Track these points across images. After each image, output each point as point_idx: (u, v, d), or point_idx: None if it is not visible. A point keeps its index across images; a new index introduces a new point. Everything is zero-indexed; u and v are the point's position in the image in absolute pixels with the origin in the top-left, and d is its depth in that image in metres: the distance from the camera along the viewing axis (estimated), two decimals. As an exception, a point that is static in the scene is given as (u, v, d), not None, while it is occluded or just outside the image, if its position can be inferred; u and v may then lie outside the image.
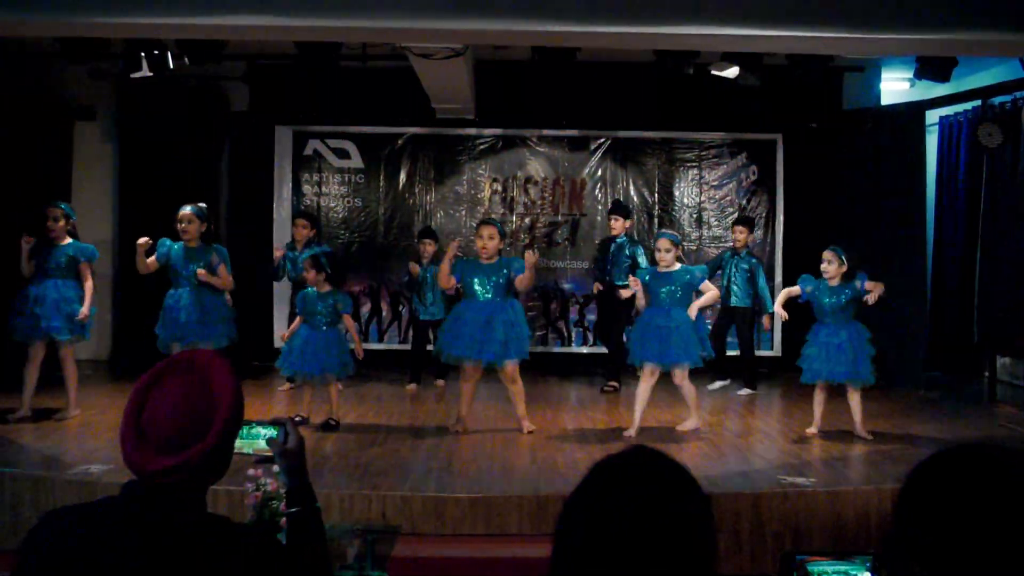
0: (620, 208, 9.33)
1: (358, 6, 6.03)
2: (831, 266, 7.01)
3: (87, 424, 7.28)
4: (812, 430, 7.13)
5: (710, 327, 7.86)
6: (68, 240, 7.31)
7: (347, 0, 6.02)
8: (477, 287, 7.12)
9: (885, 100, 10.21)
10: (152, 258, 7.30)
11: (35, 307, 7.09)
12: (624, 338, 8.43)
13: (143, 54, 7.71)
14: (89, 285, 7.34)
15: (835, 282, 7.01)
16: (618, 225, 9.02)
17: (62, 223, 7.25)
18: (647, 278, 7.22)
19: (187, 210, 7.31)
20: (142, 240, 7.17)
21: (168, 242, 7.39)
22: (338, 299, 7.29)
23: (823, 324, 7.08)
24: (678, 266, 7.19)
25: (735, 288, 9.02)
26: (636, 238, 9.59)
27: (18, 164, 9.43)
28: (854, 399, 7.00)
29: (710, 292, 7.32)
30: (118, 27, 6.43)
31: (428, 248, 9.07)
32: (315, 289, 7.22)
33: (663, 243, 7.22)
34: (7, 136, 9.34)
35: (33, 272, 7.18)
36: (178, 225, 7.28)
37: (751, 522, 5.49)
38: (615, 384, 9.01)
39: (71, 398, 7.41)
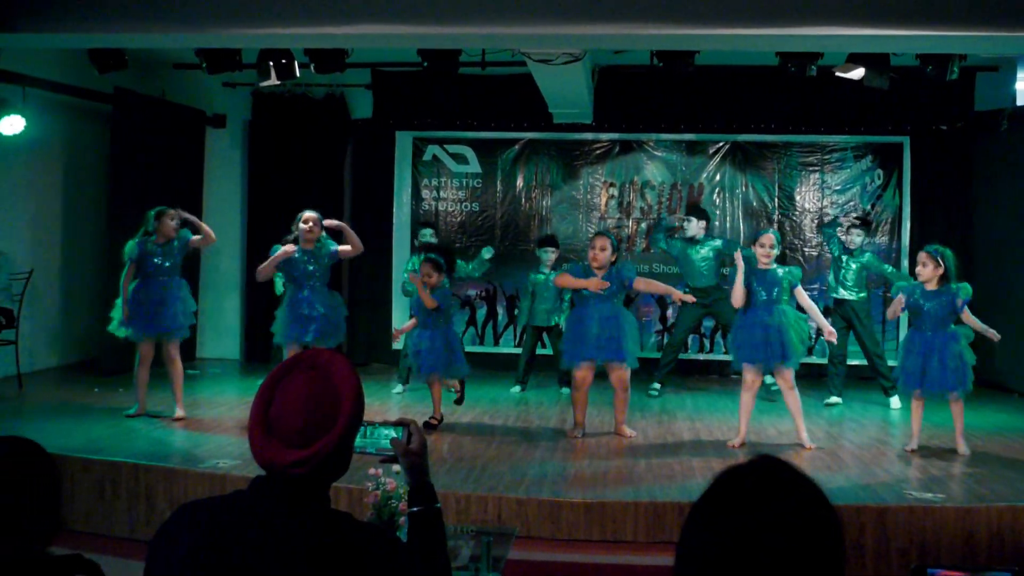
0: (697, 211, 9.46)
1: (479, 13, 6.11)
2: (926, 269, 6.65)
3: (217, 420, 7.56)
4: (911, 446, 6.80)
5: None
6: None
7: (468, 8, 6.11)
8: (591, 295, 7.14)
9: (1020, 100, 9.73)
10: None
11: (154, 306, 7.33)
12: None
13: (271, 63, 7.97)
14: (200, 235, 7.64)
15: (932, 286, 6.63)
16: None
17: (169, 223, 7.45)
18: (748, 276, 6.95)
19: (313, 213, 7.46)
20: (290, 247, 7.32)
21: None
22: (447, 297, 7.54)
23: (919, 331, 6.76)
24: (774, 265, 6.98)
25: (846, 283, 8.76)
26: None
27: (155, 168, 9.88)
28: (956, 409, 6.68)
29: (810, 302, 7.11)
30: (249, 38, 6.70)
31: (551, 256, 9.12)
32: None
33: (768, 239, 6.96)
34: (146, 141, 9.81)
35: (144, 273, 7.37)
36: (303, 226, 7.41)
37: (875, 537, 5.33)
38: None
39: (178, 397, 7.62)
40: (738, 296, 6.91)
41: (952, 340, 6.62)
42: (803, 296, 7.01)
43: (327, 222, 7.54)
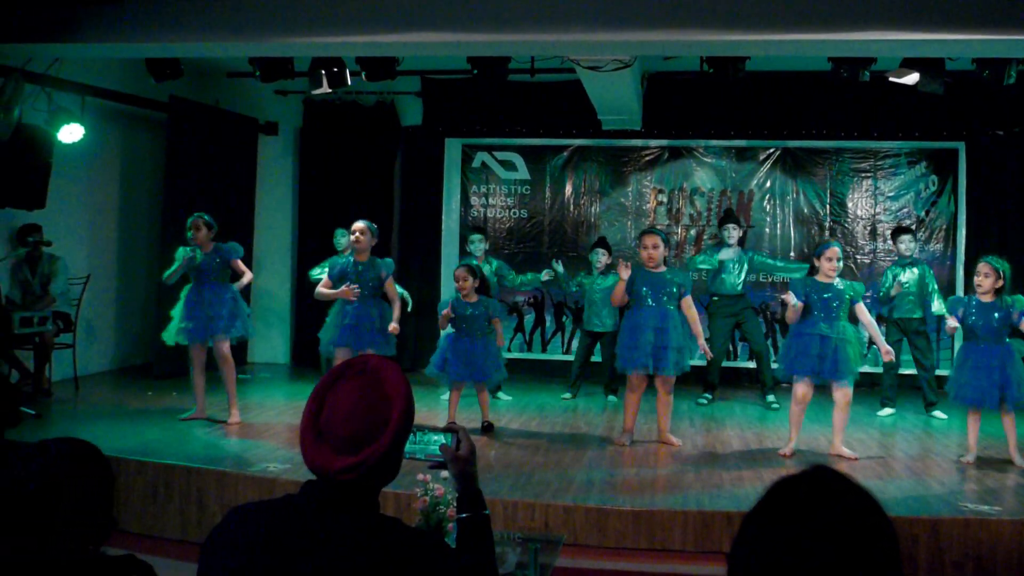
0: (734, 218, 9.43)
1: (529, 21, 6.14)
2: (987, 280, 6.50)
3: (267, 424, 7.64)
4: (968, 458, 6.66)
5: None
6: (212, 246, 7.54)
7: (518, 15, 6.14)
8: (648, 297, 7.09)
9: (1081, 105, 9.54)
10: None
11: (203, 309, 7.42)
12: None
13: (323, 71, 8.07)
14: (246, 276, 7.72)
15: (988, 298, 6.50)
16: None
17: (204, 232, 7.49)
18: (804, 289, 6.81)
19: (362, 223, 7.46)
20: (355, 290, 7.31)
21: (338, 260, 7.64)
22: (489, 305, 7.51)
23: (974, 344, 6.60)
24: (837, 279, 6.83)
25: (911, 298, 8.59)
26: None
27: (208, 175, 10.04)
28: (1008, 422, 6.55)
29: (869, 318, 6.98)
30: (302, 46, 6.79)
31: (602, 260, 9.09)
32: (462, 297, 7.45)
33: (834, 252, 6.81)
34: (200, 148, 9.97)
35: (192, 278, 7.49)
36: (352, 236, 7.42)
37: (929, 549, 5.23)
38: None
39: (232, 400, 7.70)
40: (793, 318, 6.80)
41: (1008, 354, 6.49)
42: (863, 312, 6.88)
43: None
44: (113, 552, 2.19)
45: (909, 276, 8.52)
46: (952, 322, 6.67)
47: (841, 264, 6.84)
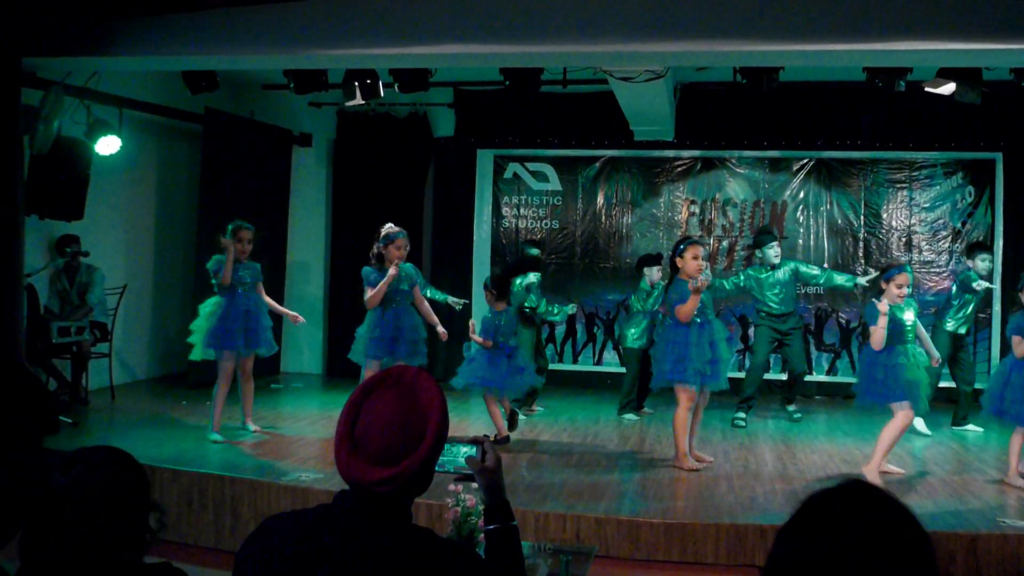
0: (770, 233, 9.09)
1: (562, 32, 6.15)
2: None
3: (299, 434, 7.68)
4: (1014, 480, 6.39)
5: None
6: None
7: (550, 26, 6.15)
8: (708, 309, 6.84)
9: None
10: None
11: (241, 320, 7.33)
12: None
13: (356, 83, 8.13)
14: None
15: None
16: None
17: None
18: (890, 312, 6.40)
19: (405, 234, 7.42)
20: (393, 271, 7.23)
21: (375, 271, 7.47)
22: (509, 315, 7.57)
23: (1020, 361, 6.33)
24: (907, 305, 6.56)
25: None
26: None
27: (243, 186, 10.13)
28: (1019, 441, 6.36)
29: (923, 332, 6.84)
30: (336, 58, 6.85)
31: (656, 275, 8.79)
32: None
33: (905, 279, 6.46)
34: (235, 159, 10.07)
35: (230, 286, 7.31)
36: (396, 245, 7.29)
37: (967, 565, 5.15)
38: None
39: (249, 412, 7.71)
40: (878, 342, 6.42)
41: None
42: (919, 327, 6.78)
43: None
44: (150, 560, 2.20)
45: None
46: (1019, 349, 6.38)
47: (909, 290, 6.56)
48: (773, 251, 8.75)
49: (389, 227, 7.38)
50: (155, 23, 6.71)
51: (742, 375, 9.28)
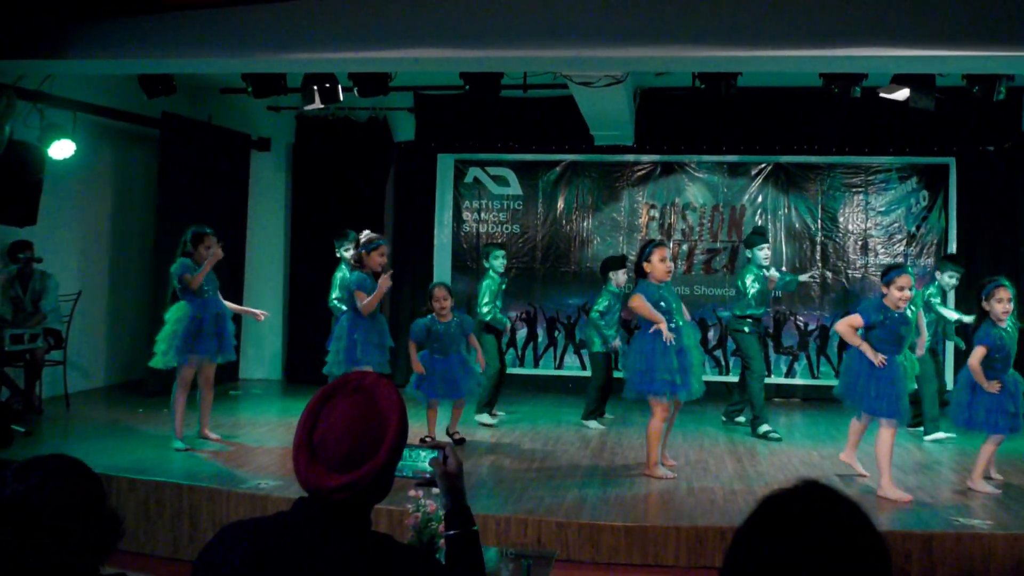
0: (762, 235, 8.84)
1: (522, 36, 6.16)
2: (1011, 305, 6.27)
3: (259, 441, 7.61)
4: (976, 484, 6.38)
5: None
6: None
7: (510, 31, 6.16)
8: (677, 313, 6.66)
9: (1071, 121, 9.61)
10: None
11: (208, 326, 7.22)
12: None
13: (315, 87, 8.08)
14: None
15: (1004, 323, 6.29)
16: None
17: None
18: (881, 318, 6.21)
19: (386, 241, 7.38)
20: (387, 280, 7.09)
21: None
22: (464, 321, 7.61)
23: (994, 374, 6.28)
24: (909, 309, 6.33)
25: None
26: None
27: (201, 191, 10.04)
28: (996, 445, 6.37)
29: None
30: (295, 62, 6.80)
31: (622, 278, 8.59)
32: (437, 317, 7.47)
33: (907, 280, 6.17)
34: (192, 164, 9.97)
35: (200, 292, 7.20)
36: (379, 252, 7.19)
37: (922, 564, 5.23)
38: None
39: (206, 421, 7.61)
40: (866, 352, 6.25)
41: (1016, 381, 6.33)
42: (920, 319, 6.70)
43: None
44: (107, 571, 2.17)
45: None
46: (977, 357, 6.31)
47: (914, 292, 6.32)
48: (764, 252, 8.48)
49: (368, 234, 7.28)
50: (110, 26, 6.63)
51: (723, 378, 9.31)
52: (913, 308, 6.44)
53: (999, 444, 6.40)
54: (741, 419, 8.76)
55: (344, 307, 7.78)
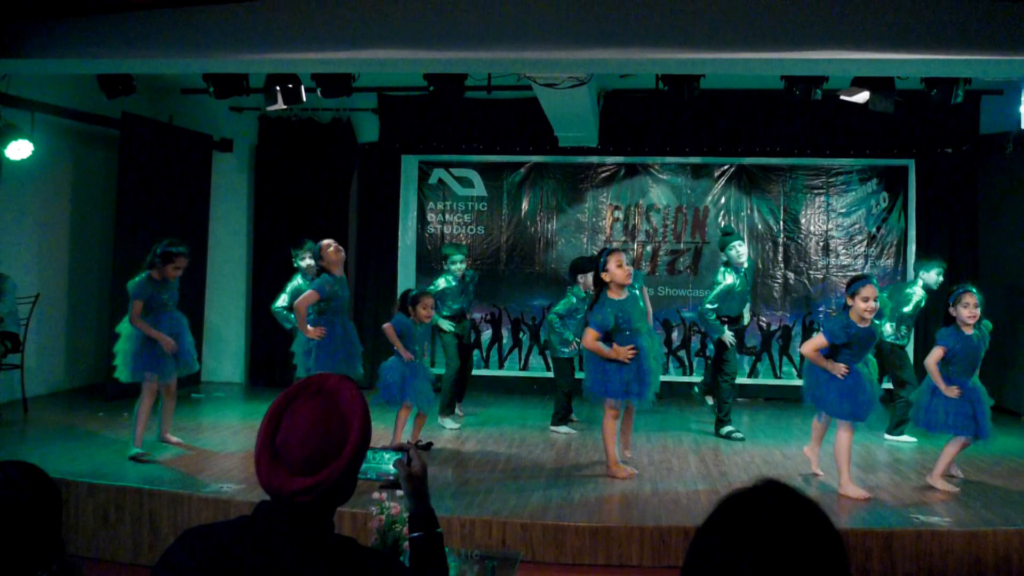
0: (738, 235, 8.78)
1: (485, 38, 6.16)
2: (978, 311, 6.37)
3: (221, 444, 7.54)
4: (936, 481, 6.48)
5: None
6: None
7: (474, 32, 6.16)
8: (637, 321, 6.65)
9: (1027, 124, 9.78)
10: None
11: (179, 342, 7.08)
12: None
13: (278, 88, 8.03)
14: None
15: (970, 329, 6.40)
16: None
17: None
18: (848, 332, 6.23)
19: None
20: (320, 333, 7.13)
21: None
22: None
23: (956, 378, 6.38)
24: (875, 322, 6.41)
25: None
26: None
27: (162, 193, 9.93)
28: (959, 447, 6.47)
29: None
30: (257, 62, 6.75)
31: (591, 281, 8.50)
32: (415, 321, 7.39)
33: (872, 291, 6.20)
34: (153, 165, 9.86)
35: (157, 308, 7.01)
36: (337, 253, 7.21)
37: (882, 561, 5.29)
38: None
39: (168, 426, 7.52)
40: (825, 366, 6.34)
41: (979, 385, 6.44)
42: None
43: None
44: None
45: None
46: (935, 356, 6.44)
47: (879, 304, 6.36)
48: (735, 252, 8.22)
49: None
50: (69, 25, 6.54)
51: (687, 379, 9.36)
52: (878, 321, 6.51)
53: (962, 447, 6.48)
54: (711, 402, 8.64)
55: (292, 316, 7.64)
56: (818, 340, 6.37)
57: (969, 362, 6.42)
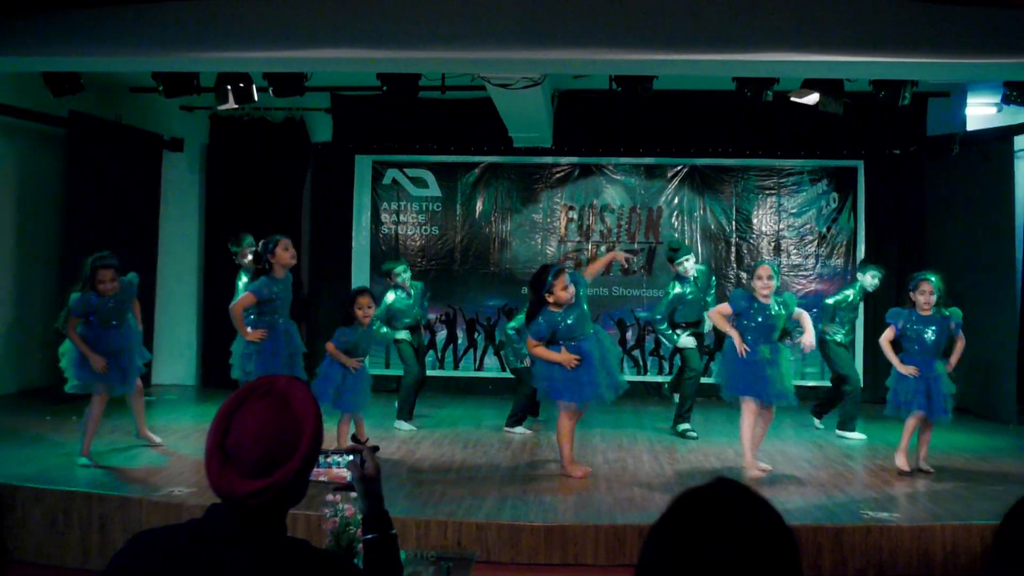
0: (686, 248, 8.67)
1: (439, 38, 6.15)
2: (932, 297, 6.73)
3: (172, 447, 7.44)
4: (898, 460, 6.83)
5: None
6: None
7: (428, 32, 6.15)
8: (580, 328, 6.66)
9: (971, 126, 9.97)
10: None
11: (113, 358, 6.78)
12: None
13: (229, 87, 7.95)
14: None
15: (926, 312, 6.75)
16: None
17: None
18: (746, 306, 6.71)
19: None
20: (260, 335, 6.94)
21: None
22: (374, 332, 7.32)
23: (910, 357, 6.79)
24: (772, 299, 6.72)
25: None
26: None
27: (110, 193, 9.78)
28: (928, 434, 6.84)
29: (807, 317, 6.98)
30: (207, 61, 6.68)
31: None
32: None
33: (766, 271, 6.70)
34: (101, 165, 9.71)
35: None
36: (287, 253, 7.00)
37: (833, 557, 5.36)
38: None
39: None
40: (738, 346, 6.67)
41: (942, 369, 6.75)
42: (804, 316, 6.96)
43: None
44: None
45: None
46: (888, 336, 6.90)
47: (775, 282, 6.71)
48: (682, 267, 8.24)
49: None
50: (13, 21, 6.40)
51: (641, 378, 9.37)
52: (778, 304, 6.77)
53: (919, 421, 6.73)
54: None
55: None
56: (723, 307, 6.94)
57: (924, 344, 6.76)
